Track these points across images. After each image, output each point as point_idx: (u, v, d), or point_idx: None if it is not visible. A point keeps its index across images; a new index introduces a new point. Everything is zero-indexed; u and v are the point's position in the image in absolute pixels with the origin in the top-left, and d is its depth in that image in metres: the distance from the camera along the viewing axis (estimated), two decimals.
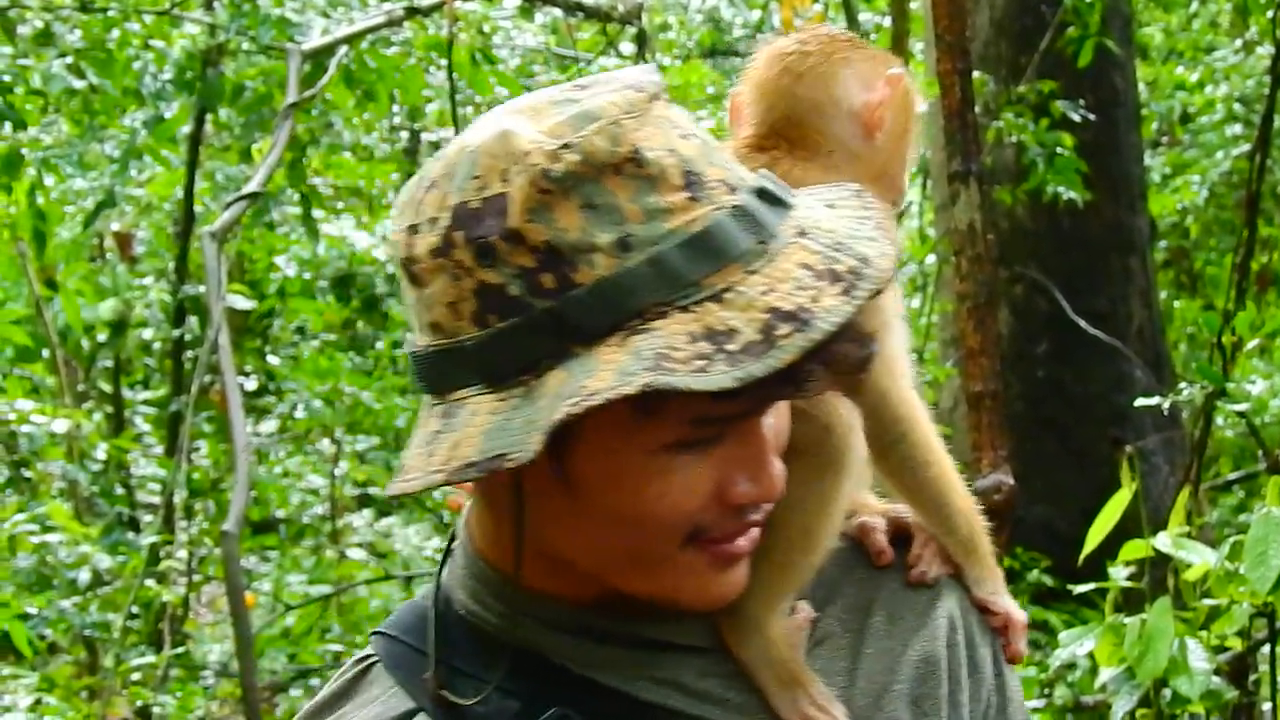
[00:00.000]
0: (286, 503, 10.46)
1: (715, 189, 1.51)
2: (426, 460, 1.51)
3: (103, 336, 9.77)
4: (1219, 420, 7.73)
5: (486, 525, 1.66)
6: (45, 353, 9.48)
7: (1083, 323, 7.84)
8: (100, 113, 7.81)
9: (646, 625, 1.64)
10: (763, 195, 1.54)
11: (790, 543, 1.67)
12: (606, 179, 1.49)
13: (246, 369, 10.93)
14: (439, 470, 1.49)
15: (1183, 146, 11.36)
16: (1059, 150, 6.82)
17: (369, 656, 1.71)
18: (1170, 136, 11.81)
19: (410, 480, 1.52)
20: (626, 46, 10.35)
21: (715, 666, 1.65)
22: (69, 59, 7.31)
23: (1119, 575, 4.01)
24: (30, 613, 6.91)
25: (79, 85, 7.32)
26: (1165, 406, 4.74)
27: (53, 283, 9.98)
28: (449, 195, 1.52)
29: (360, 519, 10.99)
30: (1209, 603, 3.82)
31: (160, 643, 7.77)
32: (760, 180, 1.56)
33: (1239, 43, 10.79)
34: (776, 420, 1.58)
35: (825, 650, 1.69)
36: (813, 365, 1.50)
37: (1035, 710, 4.97)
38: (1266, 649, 4.09)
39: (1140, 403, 4.86)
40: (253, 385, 10.99)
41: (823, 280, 1.50)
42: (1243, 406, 4.86)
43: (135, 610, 7.73)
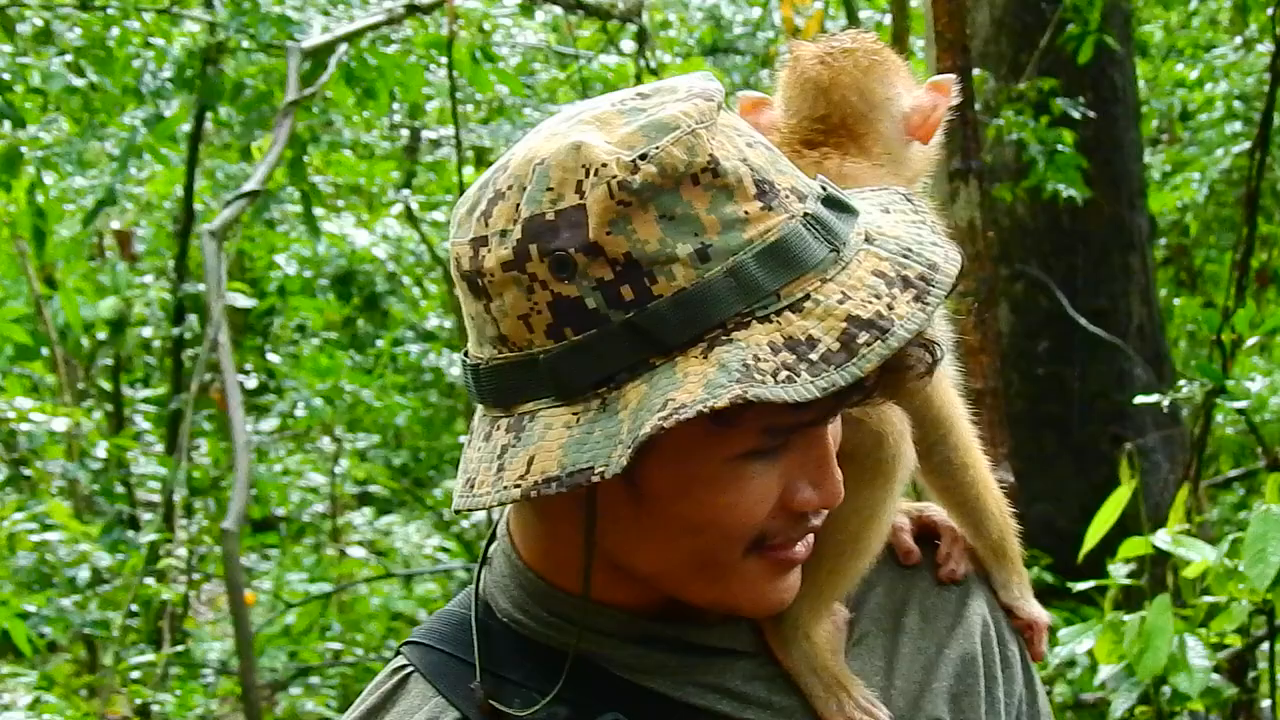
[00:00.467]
0: (286, 501, 10.46)
1: (787, 197, 1.51)
2: (498, 475, 1.49)
3: (102, 335, 9.76)
4: (1219, 417, 7.72)
5: (537, 535, 1.65)
6: (45, 351, 9.47)
7: (1083, 320, 7.83)
8: (100, 111, 7.81)
9: (693, 630, 1.64)
10: (829, 203, 1.54)
11: (840, 549, 1.67)
12: (684, 189, 1.48)
13: (247, 367, 10.92)
14: (516, 485, 1.48)
15: (1182, 144, 11.36)
16: (1059, 148, 6.81)
17: (404, 667, 1.69)
18: (1170, 134, 11.82)
19: (482, 496, 1.50)
20: (627, 44, 10.36)
21: (760, 670, 1.66)
22: (69, 57, 7.30)
23: (1119, 572, 4.02)
24: (30, 611, 6.91)
25: (79, 83, 7.31)
26: (1165, 404, 4.75)
27: (52, 281, 9.98)
28: (520, 207, 1.50)
29: (360, 517, 11.00)
30: (1208, 600, 3.83)
31: (160, 641, 7.77)
32: (824, 187, 1.55)
33: (1239, 40, 10.78)
34: (834, 427, 1.58)
35: (862, 650, 1.70)
36: (884, 373, 1.50)
37: None
38: (1266, 646, 4.09)
39: (1140, 400, 4.87)
40: (253, 383, 10.98)
41: (895, 287, 1.50)
42: (1242, 404, 4.86)
43: (135, 608, 7.74)
